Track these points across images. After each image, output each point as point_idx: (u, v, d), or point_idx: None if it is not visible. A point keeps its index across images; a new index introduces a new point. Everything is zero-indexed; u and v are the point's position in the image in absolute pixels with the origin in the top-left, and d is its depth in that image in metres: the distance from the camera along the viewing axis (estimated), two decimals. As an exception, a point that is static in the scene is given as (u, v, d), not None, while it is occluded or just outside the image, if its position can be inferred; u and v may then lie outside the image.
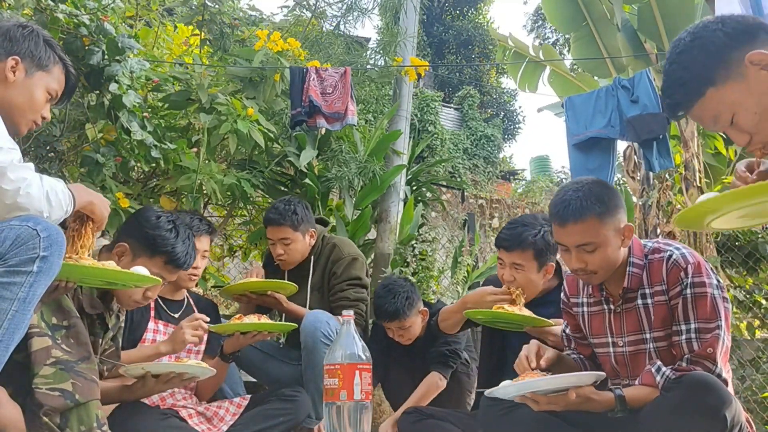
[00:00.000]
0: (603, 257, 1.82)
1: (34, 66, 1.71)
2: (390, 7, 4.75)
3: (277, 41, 3.58)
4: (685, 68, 1.35)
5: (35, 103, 1.70)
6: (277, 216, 2.82)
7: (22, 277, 1.41)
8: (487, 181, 14.31)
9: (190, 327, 2.20)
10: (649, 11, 5.06)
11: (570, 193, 1.84)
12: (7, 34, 1.70)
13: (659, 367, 1.77)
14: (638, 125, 4.06)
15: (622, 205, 1.87)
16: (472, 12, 18.35)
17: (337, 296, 2.82)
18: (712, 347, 1.74)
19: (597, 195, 1.82)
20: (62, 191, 1.55)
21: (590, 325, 2.01)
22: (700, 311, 1.77)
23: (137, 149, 3.07)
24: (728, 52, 1.31)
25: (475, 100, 16.38)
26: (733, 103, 1.33)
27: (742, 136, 1.37)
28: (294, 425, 2.38)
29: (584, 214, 1.80)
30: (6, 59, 1.66)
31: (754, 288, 4.34)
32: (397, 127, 4.43)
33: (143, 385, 1.99)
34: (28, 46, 1.71)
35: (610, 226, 1.81)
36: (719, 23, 1.34)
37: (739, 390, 3.87)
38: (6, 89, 1.65)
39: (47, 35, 1.79)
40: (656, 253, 1.88)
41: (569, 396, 1.71)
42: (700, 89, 1.34)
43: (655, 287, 1.86)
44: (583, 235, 1.81)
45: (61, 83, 1.79)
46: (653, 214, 5.10)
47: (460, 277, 4.29)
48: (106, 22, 2.88)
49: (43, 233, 1.43)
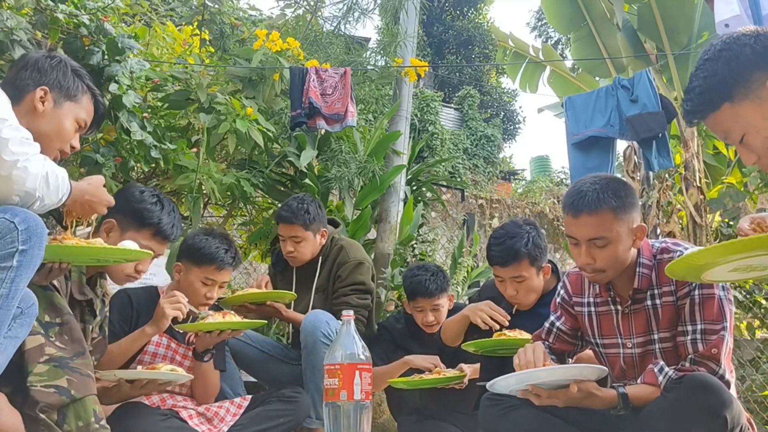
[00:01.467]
0: (613, 255, 1.80)
1: (62, 96, 1.73)
2: (390, 7, 4.75)
3: (276, 41, 3.58)
4: (706, 77, 1.35)
5: (64, 132, 1.73)
6: (290, 214, 2.81)
7: (2, 273, 1.40)
8: (487, 181, 14.30)
9: (168, 301, 2.19)
10: (649, 11, 5.07)
11: (587, 185, 1.81)
12: (35, 65, 1.73)
13: (662, 367, 1.77)
14: (637, 124, 4.06)
15: (637, 204, 1.85)
16: (472, 12, 18.34)
17: (340, 300, 2.81)
18: (717, 348, 1.74)
19: (614, 190, 1.79)
20: (62, 178, 1.55)
21: (599, 326, 1.98)
22: (707, 312, 1.77)
23: (137, 149, 3.07)
24: (752, 71, 1.30)
25: (475, 100, 16.38)
26: (746, 123, 1.32)
27: (750, 156, 1.37)
28: (294, 426, 2.38)
29: (599, 207, 1.77)
30: (35, 90, 1.69)
31: (754, 288, 4.34)
32: (397, 127, 4.43)
33: (119, 390, 2.03)
34: (56, 76, 1.74)
35: (623, 223, 1.79)
36: (752, 38, 1.32)
37: (739, 390, 3.87)
38: (35, 119, 1.67)
39: (75, 65, 1.81)
40: (665, 253, 1.87)
41: (571, 390, 1.70)
42: (716, 102, 1.34)
43: (664, 287, 1.84)
44: (597, 229, 1.78)
45: (90, 113, 1.82)
46: (653, 214, 5.11)
47: (460, 277, 4.29)
48: (106, 22, 2.89)
49: (21, 225, 1.42)
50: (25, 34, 2.63)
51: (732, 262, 1.42)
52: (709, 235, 4.73)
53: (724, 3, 3.37)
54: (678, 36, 5.08)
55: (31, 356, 1.58)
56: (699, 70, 1.37)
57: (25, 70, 1.73)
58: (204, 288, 2.34)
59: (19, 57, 1.80)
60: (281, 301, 2.80)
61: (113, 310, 2.33)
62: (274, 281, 3.07)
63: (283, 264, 3.00)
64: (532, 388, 1.74)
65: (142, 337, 2.20)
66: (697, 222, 4.74)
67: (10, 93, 1.61)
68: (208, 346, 2.31)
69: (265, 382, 3.00)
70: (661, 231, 5.05)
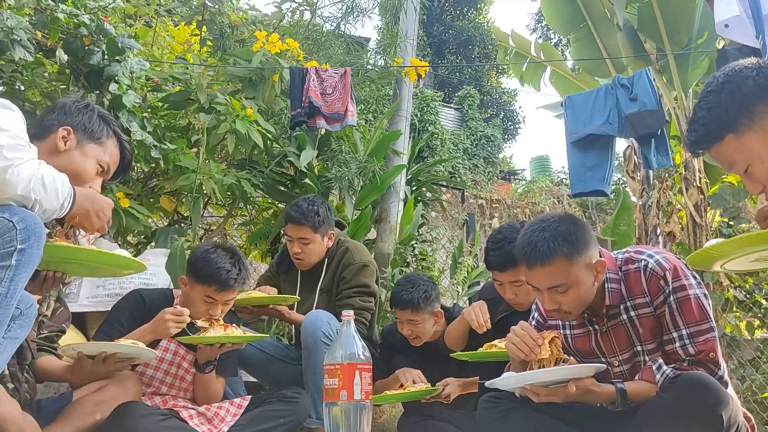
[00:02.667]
0: (576, 297, 1.77)
1: (86, 138, 1.74)
2: (390, 7, 4.76)
3: (276, 43, 3.58)
4: (709, 109, 1.37)
5: (84, 172, 1.73)
6: (299, 215, 2.79)
7: (1, 272, 1.40)
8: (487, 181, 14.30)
9: (173, 318, 2.18)
10: (649, 11, 5.06)
11: (536, 233, 1.77)
12: (63, 109, 1.76)
13: (660, 365, 1.76)
14: (636, 122, 4.06)
15: (592, 240, 1.80)
16: (472, 12, 18.35)
17: (343, 302, 2.80)
18: (714, 351, 1.74)
19: (564, 235, 1.74)
20: (62, 182, 1.54)
21: (575, 348, 1.98)
22: (688, 315, 1.76)
23: (137, 149, 3.07)
24: (755, 103, 1.32)
25: (475, 100, 16.38)
26: (750, 154, 1.34)
27: (755, 186, 1.38)
28: (294, 426, 2.38)
29: (552, 257, 1.72)
30: (58, 129, 1.71)
31: (754, 288, 4.34)
32: (397, 127, 4.43)
33: (81, 366, 1.98)
34: (82, 119, 1.76)
35: (580, 265, 1.75)
36: (754, 71, 1.34)
37: (739, 390, 3.87)
38: (57, 158, 1.68)
39: (104, 112, 1.83)
40: (630, 264, 1.84)
41: (569, 388, 1.70)
42: (720, 133, 1.36)
43: (638, 299, 1.83)
44: (553, 278, 1.75)
45: (114, 157, 1.82)
46: (653, 214, 5.11)
47: (460, 277, 4.29)
48: (106, 22, 2.89)
49: (19, 225, 1.41)
50: (25, 34, 2.63)
51: (754, 253, 1.42)
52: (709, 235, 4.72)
53: (724, 3, 3.37)
54: (678, 36, 5.07)
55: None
56: (702, 101, 1.39)
57: (53, 112, 1.76)
58: (205, 305, 2.29)
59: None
60: (284, 305, 2.79)
61: (124, 308, 2.33)
62: (276, 281, 3.07)
63: (288, 264, 2.99)
64: (530, 387, 1.74)
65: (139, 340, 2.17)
66: (697, 222, 4.74)
67: (35, 132, 1.63)
68: (209, 358, 2.30)
69: (266, 382, 3.00)
70: (661, 231, 5.05)
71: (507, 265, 2.34)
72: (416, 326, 2.65)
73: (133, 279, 2.97)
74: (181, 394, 2.38)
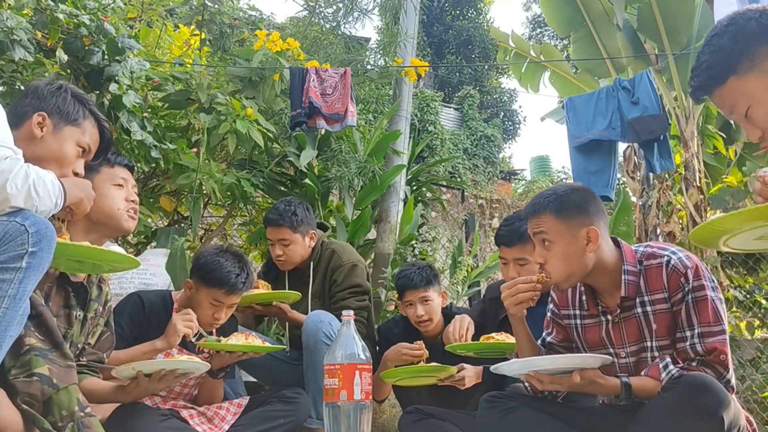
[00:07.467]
0: (560, 256, 1.80)
1: (62, 121, 1.71)
2: (390, 7, 4.75)
3: (276, 41, 3.58)
4: (712, 53, 1.37)
5: (65, 157, 1.71)
6: (277, 216, 2.82)
7: (11, 274, 1.41)
8: (487, 181, 14.31)
9: (182, 319, 2.19)
10: (649, 11, 5.06)
11: (541, 194, 1.90)
12: (36, 93, 1.72)
13: (667, 364, 1.76)
14: (639, 126, 4.06)
15: (594, 211, 1.83)
16: (472, 12, 18.35)
17: (339, 305, 2.79)
18: (724, 354, 1.73)
19: (560, 196, 1.84)
20: (51, 182, 1.53)
21: (585, 338, 1.98)
22: (702, 315, 1.76)
23: (137, 149, 3.07)
24: (757, 44, 1.32)
25: (475, 100, 16.38)
26: (751, 96, 1.34)
27: (755, 131, 1.38)
28: (295, 426, 2.37)
29: (542, 210, 1.84)
30: (32, 115, 1.67)
31: (754, 288, 4.34)
32: (397, 127, 4.43)
33: (137, 385, 1.95)
34: (56, 102, 1.72)
35: (567, 225, 1.80)
36: (758, 12, 1.34)
37: (739, 390, 3.87)
38: (35, 146, 1.66)
39: (78, 91, 1.79)
40: (652, 259, 1.84)
41: (574, 378, 1.71)
42: (722, 76, 1.36)
43: (656, 294, 1.83)
44: (539, 226, 1.83)
45: (94, 137, 1.80)
46: (653, 214, 5.10)
47: (460, 277, 4.29)
48: (106, 22, 2.89)
49: (31, 228, 1.42)
50: (25, 34, 2.63)
51: (757, 229, 1.41)
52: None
53: (724, 3, 3.37)
54: (678, 36, 5.07)
55: (13, 349, 1.54)
56: (706, 45, 1.39)
57: (26, 97, 1.73)
58: (211, 309, 2.29)
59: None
60: (286, 302, 2.80)
61: (124, 311, 2.31)
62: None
63: (275, 273, 2.99)
64: (534, 373, 1.75)
65: (152, 351, 2.19)
66: (697, 222, 4.73)
67: (11, 120, 1.60)
68: (224, 364, 2.32)
69: (266, 382, 3.00)
70: (661, 231, 5.05)
71: (515, 240, 2.42)
72: (429, 305, 2.67)
73: (133, 279, 2.97)
74: (181, 396, 2.38)
